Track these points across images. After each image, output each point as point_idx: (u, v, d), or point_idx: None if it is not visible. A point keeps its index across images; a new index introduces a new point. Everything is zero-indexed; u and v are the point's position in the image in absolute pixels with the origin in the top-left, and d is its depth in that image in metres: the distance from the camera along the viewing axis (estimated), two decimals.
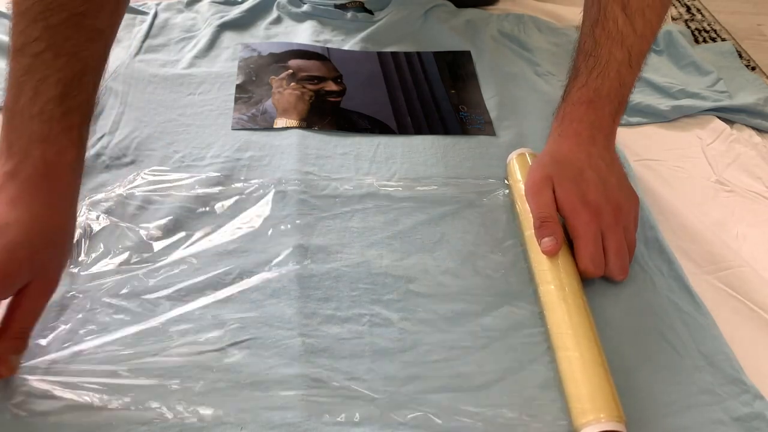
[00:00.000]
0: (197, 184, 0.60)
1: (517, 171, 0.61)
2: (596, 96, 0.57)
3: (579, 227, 0.53)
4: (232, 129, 0.67)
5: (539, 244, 0.53)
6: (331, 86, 0.73)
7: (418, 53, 0.80)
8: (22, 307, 0.44)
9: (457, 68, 0.78)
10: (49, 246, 0.45)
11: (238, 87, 0.72)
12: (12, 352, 0.44)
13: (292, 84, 0.73)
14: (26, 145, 0.45)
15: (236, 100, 0.70)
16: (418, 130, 0.69)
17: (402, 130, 0.69)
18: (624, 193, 0.56)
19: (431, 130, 0.69)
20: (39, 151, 0.45)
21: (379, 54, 0.79)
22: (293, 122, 0.68)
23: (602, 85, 0.57)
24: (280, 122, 0.68)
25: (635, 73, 0.59)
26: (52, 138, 0.45)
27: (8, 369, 0.44)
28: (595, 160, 0.56)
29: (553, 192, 0.55)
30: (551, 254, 0.52)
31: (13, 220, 0.43)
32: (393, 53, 0.79)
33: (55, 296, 0.49)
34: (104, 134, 0.64)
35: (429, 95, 0.74)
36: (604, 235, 0.53)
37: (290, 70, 0.75)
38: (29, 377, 0.45)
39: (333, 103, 0.71)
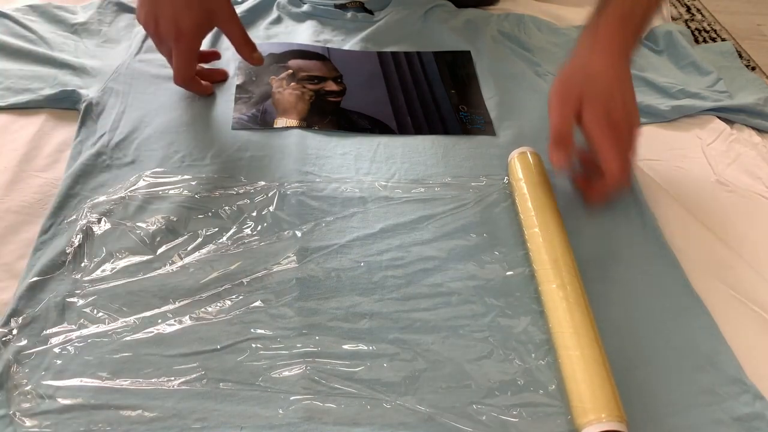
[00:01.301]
0: (199, 186, 0.60)
1: (519, 170, 0.61)
2: (630, 12, 0.59)
3: (603, 143, 0.55)
4: (232, 129, 0.67)
5: (550, 155, 0.56)
6: (331, 86, 0.73)
7: (418, 53, 0.80)
8: (233, 28, 0.66)
9: (457, 68, 0.78)
10: None
11: (238, 87, 0.72)
12: (255, 60, 0.69)
13: (292, 84, 0.73)
14: None
15: (236, 100, 0.70)
16: (418, 130, 0.69)
17: (402, 130, 0.69)
18: (636, 115, 0.59)
19: (431, 130, 0.69)
20: None
21: (379, 54, 0.79)
22: (293, 122, 0.68)
23: (637, 3, 0.59)
24: (280, 122, 0.68)
25: (659, 2, 0.62)
26: None
27: (259, 59, 0.69)
28: (622, 79, 0.58)
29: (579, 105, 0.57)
30: (558, 167, 0.56)
31: None
32: (393, 53, 0.79)
33: (57, 299, 0.50)
34: (104, 134, 0.64)
35: (429, 95, 0.74)
36: None
37: (290, 70, 0.75)
38: (31, 378, 0.45)
39: (333, 103, 0.71)
